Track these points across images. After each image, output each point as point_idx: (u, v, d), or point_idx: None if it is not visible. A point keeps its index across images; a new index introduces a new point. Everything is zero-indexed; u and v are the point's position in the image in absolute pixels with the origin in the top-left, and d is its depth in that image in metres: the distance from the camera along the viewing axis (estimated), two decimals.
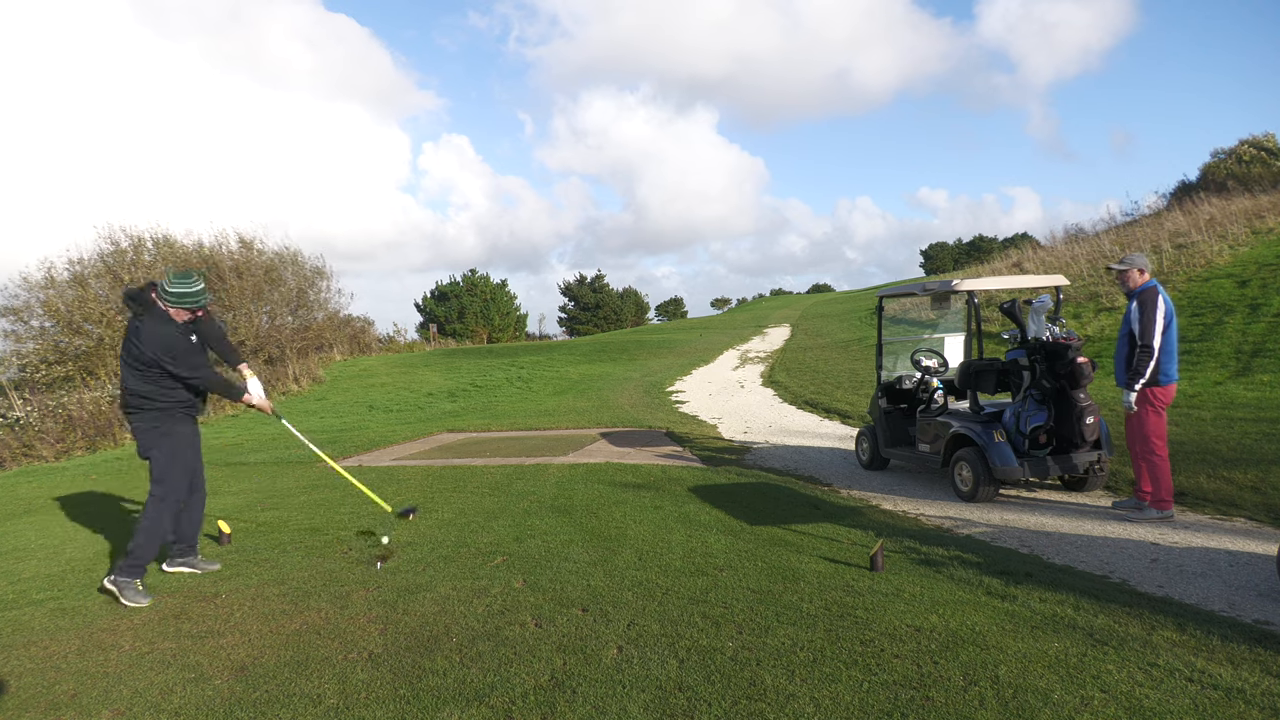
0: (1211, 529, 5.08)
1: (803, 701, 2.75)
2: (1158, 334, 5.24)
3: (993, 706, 2.66)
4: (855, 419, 10.78)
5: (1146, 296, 5.35)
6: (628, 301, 62.29)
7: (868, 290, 45.60)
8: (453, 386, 18.98)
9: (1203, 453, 6.65)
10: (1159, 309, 5.27)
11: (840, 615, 3.55)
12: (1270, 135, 22.78)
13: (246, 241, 23.75)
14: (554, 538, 5.13)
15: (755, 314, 41.39)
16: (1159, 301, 5.29)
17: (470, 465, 8.40)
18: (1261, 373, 9.26)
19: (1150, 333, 5.25)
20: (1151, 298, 5.32)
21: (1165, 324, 5.28)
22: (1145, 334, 5.27)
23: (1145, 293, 5.38)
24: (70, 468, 11.59)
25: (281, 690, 3.04)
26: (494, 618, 3.71)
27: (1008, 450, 5.88)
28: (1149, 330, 5.26)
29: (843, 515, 5.62)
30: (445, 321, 42.45)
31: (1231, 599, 3.82)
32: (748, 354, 21.93)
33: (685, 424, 11.32)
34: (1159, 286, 5.40)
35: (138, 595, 4.25)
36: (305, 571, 4.64)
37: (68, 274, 20.66)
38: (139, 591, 4.28)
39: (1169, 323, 5.30)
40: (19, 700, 3.07)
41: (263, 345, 22.16)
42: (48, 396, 16.87)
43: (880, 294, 8.13)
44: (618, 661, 3.16)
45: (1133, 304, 5.41)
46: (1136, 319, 5.35)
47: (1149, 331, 5.26)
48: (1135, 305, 5.38)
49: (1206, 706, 2.62)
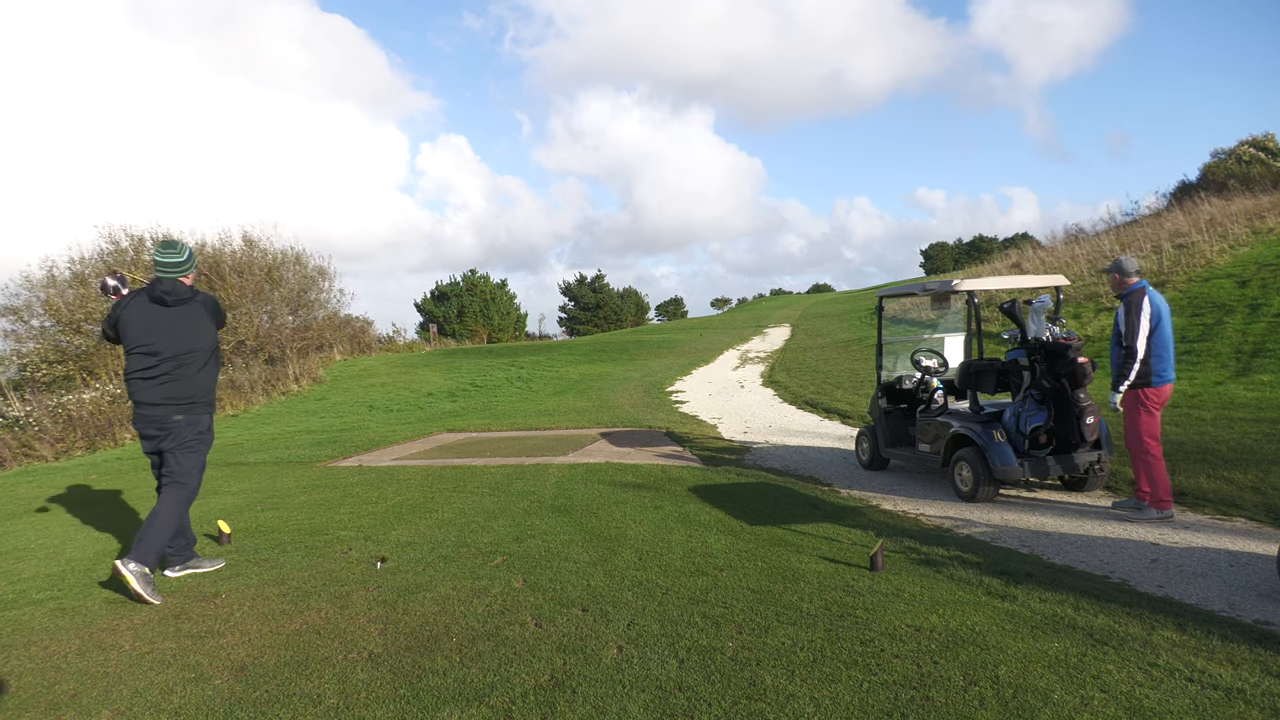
0: (1211, 529, 5.08)
1: (803, 701, 2.75)
2: (1141, 336, 5.29)
3: (993, 706, 2.66)
4: (855, 419, 10.78)
5: (1132, 299, 5.40)
6: (628, 301, 62.28)
7: (868, 290, 45.59)
8: (453, 386, 18.98)
9: (1203, 453, 6.65)
10: (1144, 311, 5.31)
11: (840, 615, 3.55)
12: (1270, 135, 22.79)
13: (251, 240, 23.77)
14: (554, 538, 5.13)
15: (755, 314, 41.39)
16: (1144, 304, 5.33)
17: (470, 465, 8.40)
18: (1261, 373, 9.26)
19: (1134, 334, 5.30)
20: (1137, 300, 5.36)
21: (1153, 325, 5.31)
22: (1129, 335, 5.33)
23: (1131, 295, 5.43)
24: (70, 468, 11.58)
25: (281, 690, 3.04)
26: (494, 618, 3.71)
27: (1008, 450, 5.89)
28: (1133, 332, 5.31)
29: (843, 515, 5.62)
30: (445, 322, 42.44)
31: (1231, 599, 3.82)
32: (748, 354, 21.93)
33: (685, 424, 11.32)
34: (1148, 288, 5.43)
35: (154, 592, 4.15)
36: (305, 571, 4.63)
37: (69, 273, 20.68)
38: (154, 587, 4.18)
39: (1157, 324, 5.32)
40: (19, 700, 3.07)
41: (263, 345, 22.17)
42: (47, 396, 16.88)
43: (880, 294, 8.13)
44: (618, 661, 3.15)
45: (1121, 308, 5.45)
46: (1123, 321, 5.39)
47: (1133, 333, 5.31)
48: (1122, 307, 5.43)
49: (1206, 706, 2.62)
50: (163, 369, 4.43)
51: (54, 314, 19.96)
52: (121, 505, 7.36)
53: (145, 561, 4.18)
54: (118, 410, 15.67)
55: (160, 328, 4.43)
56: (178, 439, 4.50)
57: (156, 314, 4.45)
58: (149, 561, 4.21)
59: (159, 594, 4.21)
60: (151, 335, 4.41)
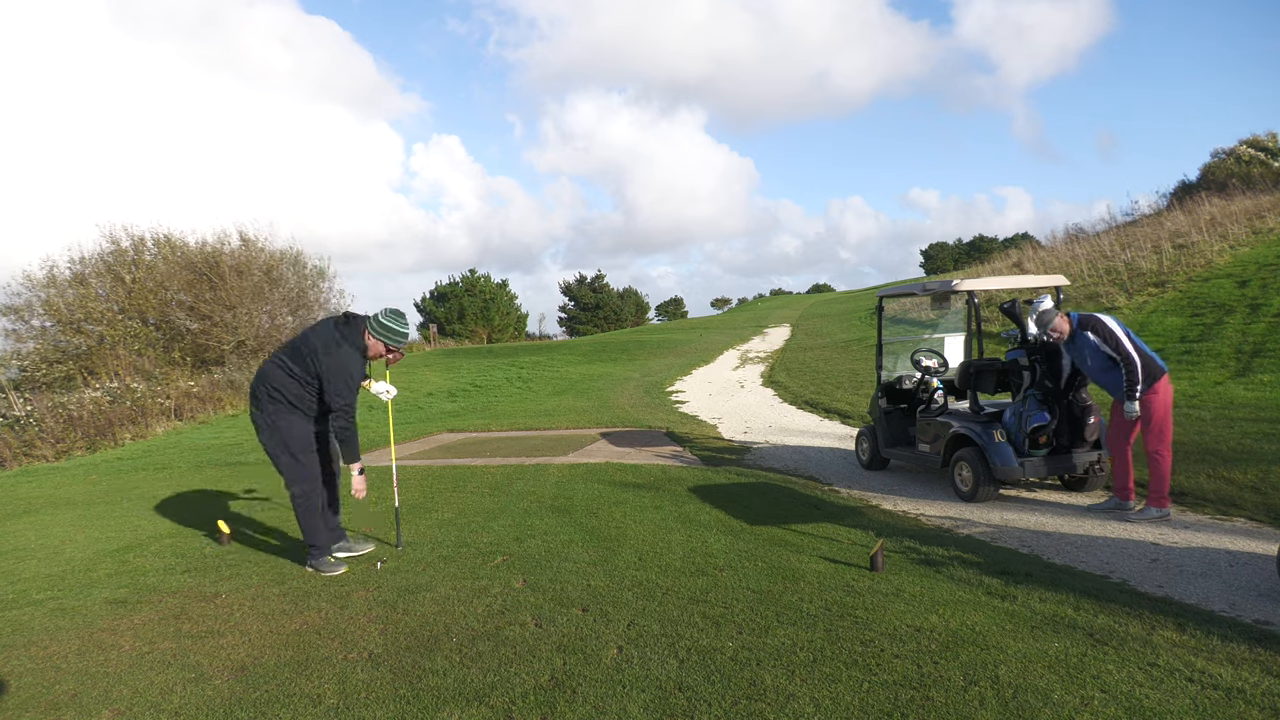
0: (1211, 529, 5.08)
1: (803, 701, 2.75)
2: (1126, 341, 5.27)
3: (992, 706, 2.66)
4: (855, 419, 10.78)
5: (1089, 323, 5.41)
6: (628, 302, 62.28)
7: (867, 290, 45.60)
8: (452, 386, 18.97)
9: (1203, 453, 6.64)
10: (1109, 321, 5.35)
11: (840, 615, 3.55)
12: (1272, 135, 22.79)
13: (249, 240, 23.72)
14: (554, 538, 5.13)
15: (755, 314, 41.39)
16: (1104, 317, 5.39)
17: (470, 465, 8.40)
18: (1261, 373, 9.26)
19: (1119, 343, 5.26)
20: (1094, 321, 5.39)
21: (1124, 331, 5.33)
22: (1115, 347, 5.28)
23: (1084, 320, 5.45)
24: (70, 468, 11.58)
25: (281, 690, 3.04)
26: (494, 618, 3.71)
27: (1008, 450, 5.88)
28: (1117, 343, 5.27)
29: (843, 515, 5.62)
30: (445, 322, 42.44)
31: (1231, 599, 3.82)
32: (748, 354, 21.92)
33: (685, 424, 11.31)
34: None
35: (333, 565, 4.64)
36: (305, 571, 4.64)
37: (69, 273, 20.67)
38: (332, 563, 4.67)
39: (1124, 328, 5.37)
40: (19, 700, 3.07)
41: (262, 345, 22.15)
42: (47, 396, 16.87)
43: (880, 294, 8.13)
44: (618, 661, 3.16)
45: (1086, 334, 5.40)
46: (1101, 343, 5.34)
47: (1118, 343, 5.27)
48: (1090, 335, 5.38)
49: (1206, 706, 2.62)
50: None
51: (54, 314, 19.95)
52: (121, 506, 7.36)
53: (318, 554, 4.70)
54: (118, 410, 15.67)
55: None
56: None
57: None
58: (320, 551, 4.71)
59: (340, 564, 4.71)
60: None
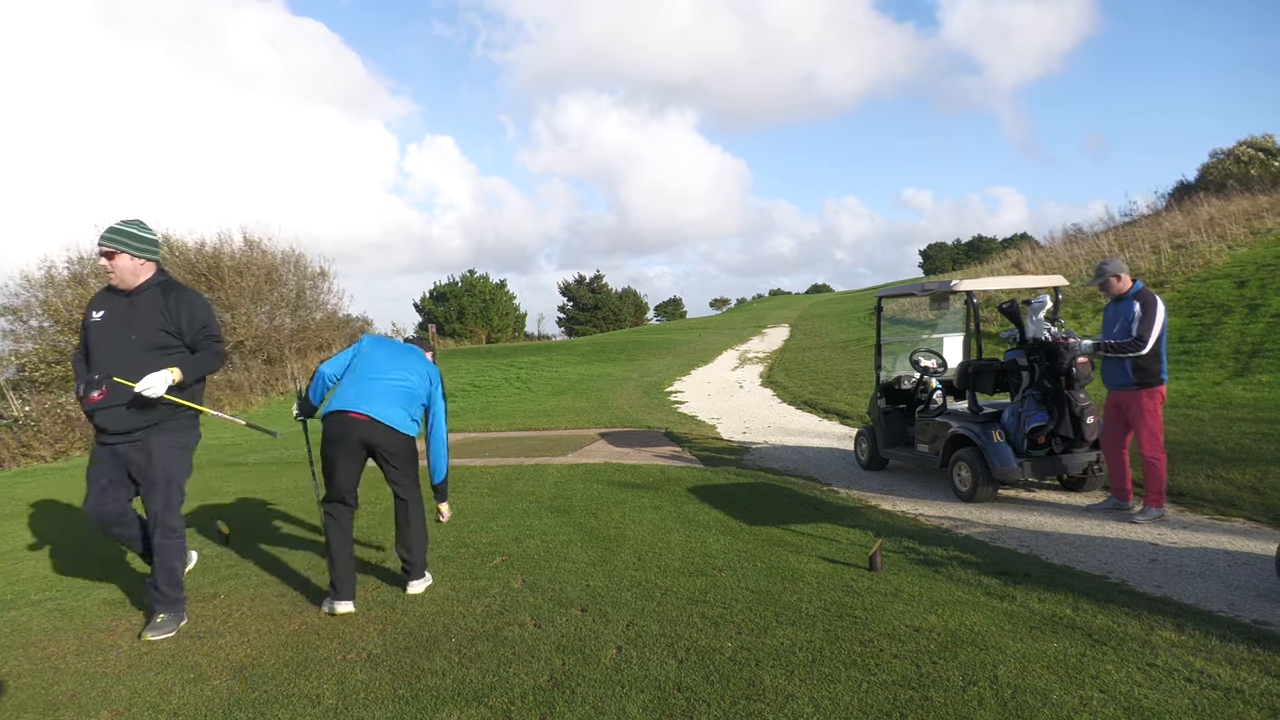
0: (1210, 529, 5.09)
1: (802, 702, 2.75)
2: (1155, 331, 5.22)
3: (992, 706, 2.66)
4: (854, 419, 10.78)
5: (1148, 296, 5.32)
6: (626, 302, 62.24)
7: (866, 291, 45.60)
8: (451, 386, 18.96)
9: (1201, 453, 6.65)
10: (1159, 310, 5.26)
11: (839, 615, 3.55)
12: (1269, 136, 22.81)
13: (253, 241, 23.71)
14: (553, 538, 5.13)
15: (754, 314, 41.39)
16: (1159, 304, 5.29)
17: (469, 465, 8.39)
18: (1260, 373, 9.27)
19: (1150, 328, 5.20)
20: (1153, 298, 5.30)
21: (1162, 326, 5.27)
22: (1144, 330, 5.21)
23: (1144, 292, 5.36)
24: (69, 468, 11.57)
25: (281, 690, 3.04)
26: (493, 618, 3.70)
27: (1007, 450, 5.89)
28: (1148, 329, 5.20)
29: (842, 515, 5.62)
30: (444, 322, 42.41)
31: (1230, 599, 3.83)
32: (747, 354, 21.93)
33: (684, 424, 11.31)
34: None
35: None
36: (305, 572, 4.63)
37: (67, 273, 20.64)
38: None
39: (1163, 325, 5.30)
40: (18, 700, 3.07)
41: (262, 345, 22.14)
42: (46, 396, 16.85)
43: (879, 294, 8.13)
44: (617, 662, 3.15)
45: (1134, 304, 5.33)
46: (1138, 318, 5.25)
47: (1149, 327, 5.20)
48: (1138, 305, 5.30)
49: (1205, 706, 2.62)
50: None
51: (52, 314, 19.92)
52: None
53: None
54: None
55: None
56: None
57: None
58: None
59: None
60: None
